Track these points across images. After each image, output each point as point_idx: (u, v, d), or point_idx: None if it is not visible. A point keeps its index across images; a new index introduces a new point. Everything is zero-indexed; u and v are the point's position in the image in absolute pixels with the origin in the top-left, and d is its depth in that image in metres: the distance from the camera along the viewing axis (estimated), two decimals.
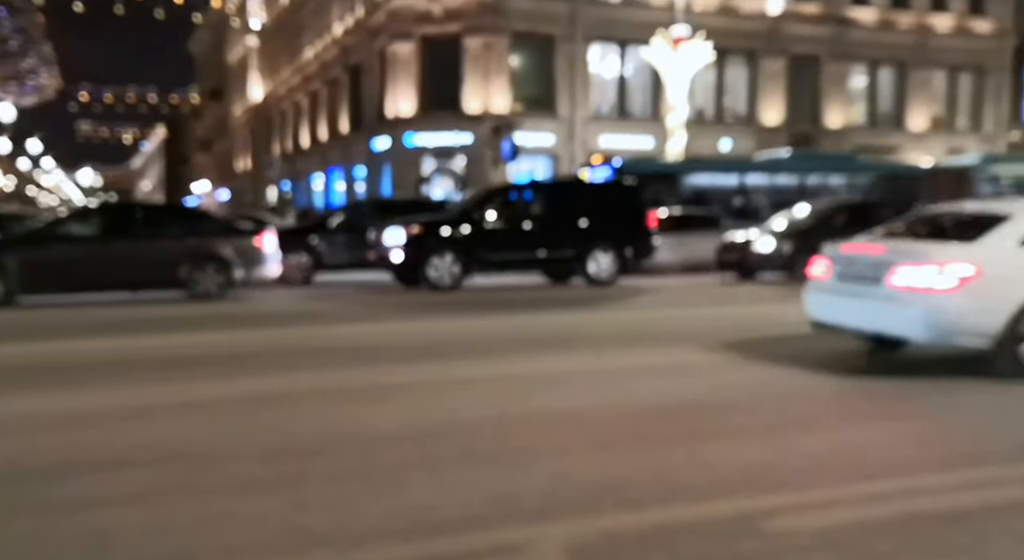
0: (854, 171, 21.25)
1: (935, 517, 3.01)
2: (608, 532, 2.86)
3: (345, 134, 33.81)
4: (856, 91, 30.55)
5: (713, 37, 23.76)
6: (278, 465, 3.64)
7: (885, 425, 4.36)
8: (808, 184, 20.17)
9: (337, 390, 5.26)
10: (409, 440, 4.03)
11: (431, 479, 3.42)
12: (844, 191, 20.10)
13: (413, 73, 27.45)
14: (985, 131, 31.62)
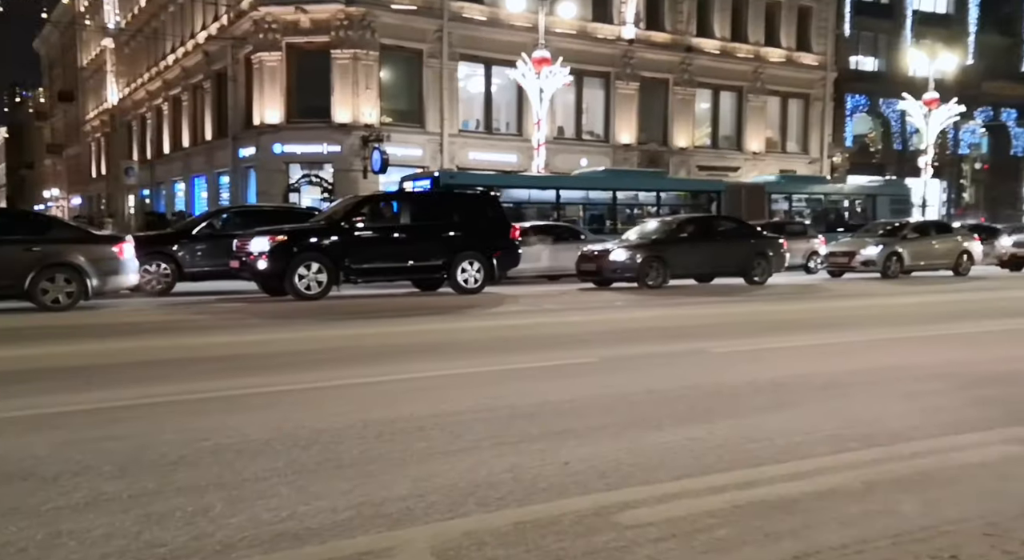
0: (662, 187, 22.72)
1: (768, 504, 3.29)
2: (472, 532, 2.96)
3: (209, 141, 32.87)
4: (701, 114, 33.16)
5: (572, 60, 25.28)
6: (131, 479, 3.50)
7: (726, 422, 4.69)
8: (619, 199, 21.48)
9: (198, 400, 5.11)
10: (274, 449, 3.99)
11: (296, 487, 3.42)
12: (652, 206, 21.73)
13: (280, 82, 27.24)
14: (812, 153, 35.17)
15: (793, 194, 24.79)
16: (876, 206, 25.47)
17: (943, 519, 3.15)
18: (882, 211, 25.09)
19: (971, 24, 38.26)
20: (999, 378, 6.03)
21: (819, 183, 27.07)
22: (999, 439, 4.33)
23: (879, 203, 25.61)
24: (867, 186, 27.26)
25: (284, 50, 27.12)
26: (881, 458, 3.98)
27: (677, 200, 22.74)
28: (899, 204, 26.08)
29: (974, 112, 36.02)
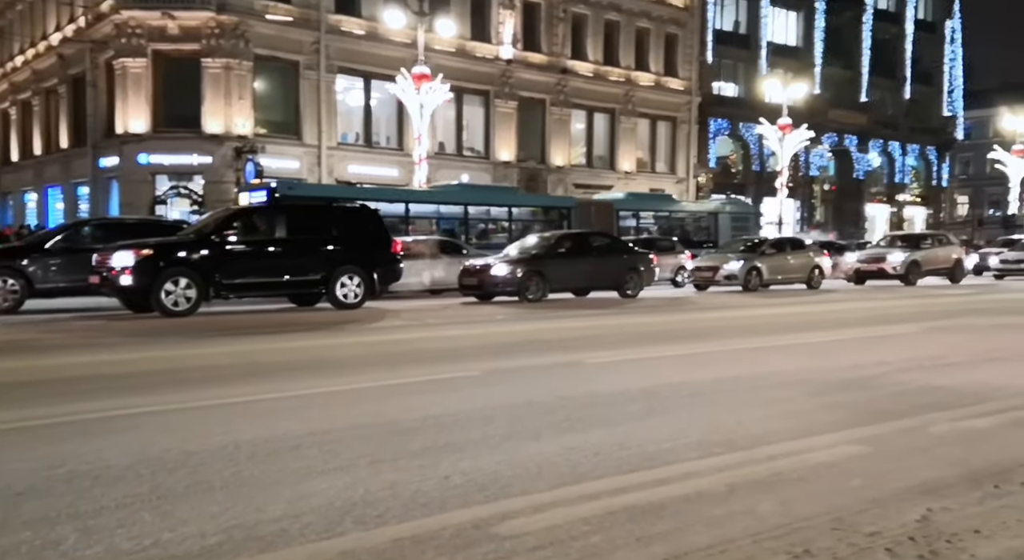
0: (514, 203, 23.10)
1: (640, 509, 3.42)
2: (349, 552, 2.92)
3: (65, 149, 30.67)
4: (577, 134, 34.21)
5: (452, 77, 25.48)
6: None
7: (598, 431, 4.84)
8: (471, 214, 21.72)
9: (51, 426, 4.76)
10: (137, 474, 3.80)
11: (161, 513, 3.27)
12: (505, 220, 22.13)
13: (146, 89, 25.86)
14: (679, 173, 36.99)
15: (640, 211, 25.68)
16: (719, 223, 26.81)
17: (796, 517, 3.39)
18: (725, 228, 26.45)
19: (817, 57, 41.56)
20: (845, 384, 6.55)
21: (665, 201, 28.11)
22: (845, 440, 4.70)
23: (722, 221, 26.93)
24: (710, 204, 28.83)
25: (150, 57, 25.78)
26: (742, 461, 4.23)
27: (529, 216, 23.12)
28: (741, 221, 27.50)
29: (822, 138, 39.10)
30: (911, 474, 4.01)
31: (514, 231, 21.85)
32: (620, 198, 26.46)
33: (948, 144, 48.83)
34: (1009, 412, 5.45)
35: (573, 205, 23.93)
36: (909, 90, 46.14)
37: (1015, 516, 3.40)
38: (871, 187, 44.79)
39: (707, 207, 28.47)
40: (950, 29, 48.20)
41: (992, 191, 57.39)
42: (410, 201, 20.67)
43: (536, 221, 22.99)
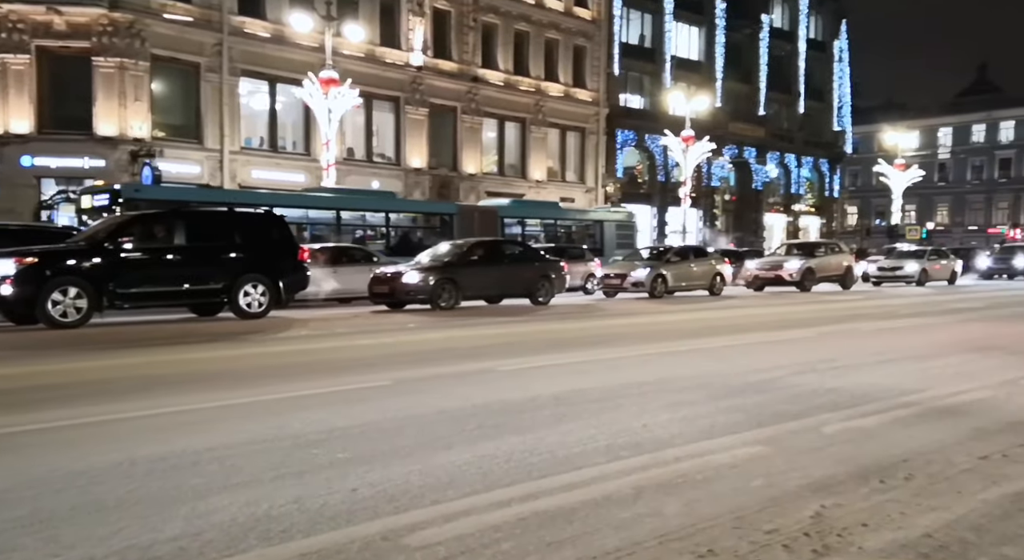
0: (391, 208, 22.46)
1: (550, 515, 3.47)
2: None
3: None
4: (488, 142, 34.38)
5: (361, 82, 25.18)
6: None
7: (510, 438, 4.87)
8: (344, 219, 21.05)
9: None
10: (19, 497, 3.58)
11: (44, 538, 3.09)
12: (381, 226, 21.61)
13: (30, 88, 24.35)
14: (588, 183, 37.70)
15: (526, 219, 25.47)
16: (604, 232, 27.04)
17: (701, 517, 3.50)
18: (609, 236, 26.70)
19: (718, 71, 43.27)
20: (745, 387, 6.81)
21: (551, 209, 27.67)
22: (745, 442, 4.88)
23: (607, 229, 27.15)
24: (595, 213, 29.01)
25: (34, 53, 24.33)
26: (649, 464, 4.34)
27: (409, 222, 22.62)
28: (625, 229, 27.86)
29: (723, 149, 40.69)
30: (806, 472, 4.20)
31: (392, 237, 21.29)
32: (504, 205, 25.97)
33: (838, 157, 51.72)
34: (892, 411, 5.80)
35: (455, 211, 23.48)
36: (803, 105, 48.62)
37: (898, 509, 3.61)
38: (769, 197, 46.93)
39: (592, 216, 28.56)
40: (838, 49, 51.10)
41: (878, 202, 61.21)
42: (276, 205, 18.75)
43: (416, 228, 22.50)
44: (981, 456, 4.54)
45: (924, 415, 5.68)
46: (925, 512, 3.57)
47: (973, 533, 3.31)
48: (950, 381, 7.07)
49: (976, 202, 68.02)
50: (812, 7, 48.58)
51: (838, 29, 50.94)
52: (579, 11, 36.52)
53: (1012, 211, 65.24)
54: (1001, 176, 66.92)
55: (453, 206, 24.61)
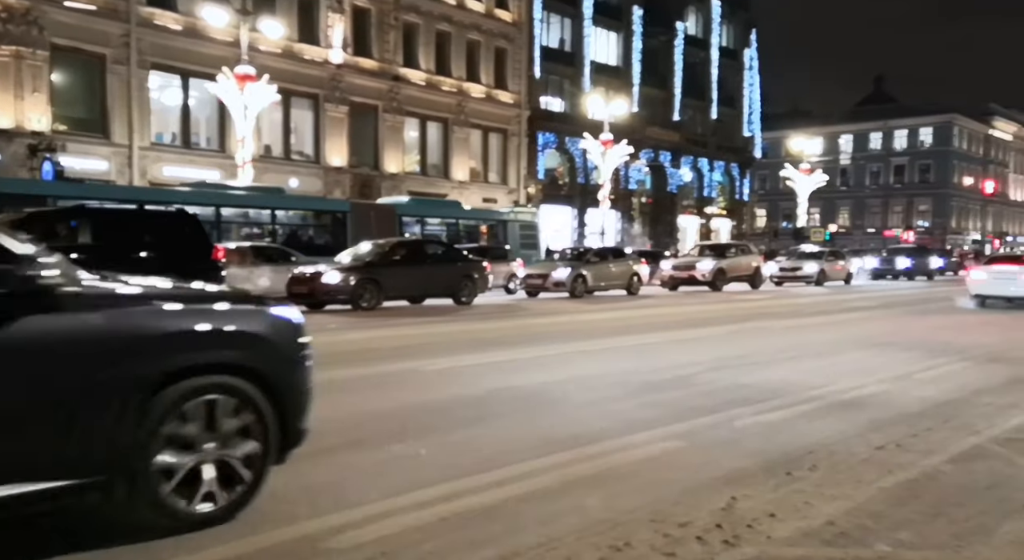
0: (278, 205, 21.25)
1: (475, 513, 3.50)
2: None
3: None
4: (410, 141, 34.13)
5: (278, 78, 24.58)
6: None
7: (437, 437, 4.90)
8: (224, 216, 19.87)
9: None
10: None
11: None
12: (268, 223, 20.44)
13: None
14: (511, 184, 37.93)
15: (426, 217, 24.81)
16: (507, 231, 26.70)
17: (620, 510, 3.62)
18: (513, 236, 26.37)
19: (635, 77, 44.26)
20: (663, 384, 7.04)
21: (453, 208, 26.97)
22: (663, 436, 5.06)
23: (510, 229, 26.83)
24: (499, 213, 28.63)
25: None
26: (572, 460, 4.44)
27: (300, 220, 21.58)
28: (529, 229, 27.63)
29: (640, 153, 41.63)
30: (719, 465, 4.39)
31: (279, 236, 20.16)
32: (404, 203, 25.22)
33: (748, 162, 53.71)
34: (799, 405, 6.11)
35: (348, 209, 22.22)
36: (716, 111, 50.23)
37: (803, 499, 3.82)
38: (683, 200, 48.30)
39: (496, 216, 28.22)
40: (748, 57, 53.04)
41: (785, 205, 63.78)
42: (146, 201, 17.20)
43: (308, 225, 21.55)
44: (878, 446, 4.85)
45: (827, 409, 6.01)
46: (828, 501, 3.79)
47: (872, 520, 3.54)
48: (851, 376, 7.49)
49: (874, 206, 71.87)
50: (724, 16, 50.26)
51: (748, 38, 52.88)
52: (500, 13, 36.71)
53: (905, 215, 69.20)
54: (896, 182, 70.94)
55: (346, 203, 23.37)
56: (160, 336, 3.15)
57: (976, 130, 71.11)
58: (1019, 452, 4.77)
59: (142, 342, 3.08)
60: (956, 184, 67.42)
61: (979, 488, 4.05)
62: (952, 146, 68.49)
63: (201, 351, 3.29)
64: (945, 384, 7.13)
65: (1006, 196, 75.27)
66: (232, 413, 3.35)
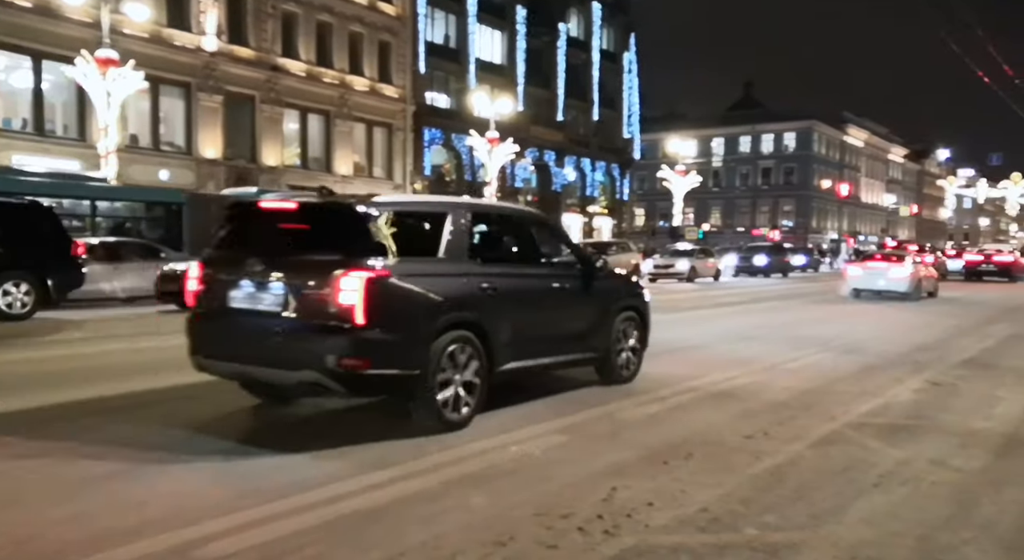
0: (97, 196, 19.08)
1: (359, 515, 3.44)
2: None
3: None
4: (290, 134, 33.03)
5: (146, 65, 23.16)
6: None
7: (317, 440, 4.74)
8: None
9: None
10: None
11: None
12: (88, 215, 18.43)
13: None
14: (396, 179, 37.46)
15: None
16: None
17: (505, 506, 3.63)
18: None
19: (520, 76, 44.73)
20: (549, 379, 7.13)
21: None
22: (548, 430, 5.13)
23: None
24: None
25: None
26: (457, 458, 4.43)
27: (126, 212, 19.45)
28: None
29: (525, 152, 42.12)
30: (601, 457, 4.49)
31: (101, 230, 17.97)
32: (251, 194, 23.64)
33: (628, 163, 55.43)
34: (677, 397, 6.36)
35: (184, 200, 20.20)
36: (597, 113, 51.50)
37: (679, 487, 3.97)
38: (567, 199, 49.27)
39: None
40: (627, 61, 54.73)
41: (662, 205, 66.32)
42: None
43: (138, 218, 19.55)
44: (747, 435, 5.11)
45: (702, 400, 6.28)
46: (702, 488, 3.95)
47: (741, 505, 3.72)
48: (724, 368, 7.86)
49: (743, 206, 75.96)
50: (604, 20, 51.60)
51: (628, 42, 54.54)
52: (383, 6, 36.11)
53: (772, 215, 73.56)
54: (763, 183, 75.28)
55: (181, 194, 21.10)
56: (615, 289, 7.06)
57: (833, 136, 76.47)
58: (870, 436, 5.16)
59: (611, 292, 6.89)
60: (816, 186, 72.28)
61: (835, 471, 4.34)
62: (813, 151, 73.35)
63: (628, 299, 7.06)
64: (807, 374, 7.61)
65: (859, 198, 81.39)
66: (633, 326, 7.05)
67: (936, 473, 4.34)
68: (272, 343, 4.76)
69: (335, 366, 4.53)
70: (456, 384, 5.03)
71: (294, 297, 4.72)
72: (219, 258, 5.21)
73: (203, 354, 5.14)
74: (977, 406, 6.24)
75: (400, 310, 4.79)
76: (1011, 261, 31.69)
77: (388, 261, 4.69)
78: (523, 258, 6.53)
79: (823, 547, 3.23)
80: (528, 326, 5.71)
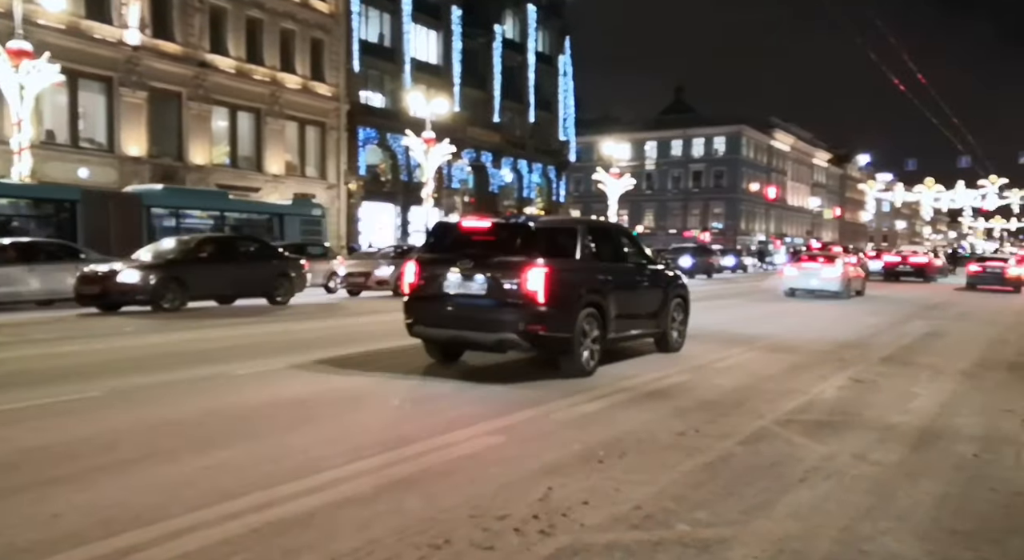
0: None
1: (288, 522, 3.36)
2: None
3: None
4: (219, 132, 32.14)
5: (63, 57, 22.18)
6: None
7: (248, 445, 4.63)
8: None
9: None
10: None
11: None
12: None
13: None
14: (330, 179, 36.87)
15: (184, 209, 21.84)
16: (284, 225, 24.23)
17: (440, 509, 3.60)
18: (292, 230, 24.33)
19: (456, 77, 44.61)
20: (484, 379, 7.12)
21: (217, 198, 24.18)
22: (484, 432, 5.12)
23: (288, 222, 24.37)
24: (275, 205, 26.46)
25: None
26: (392, 461, 4.37)
27: (10, 209, 18.14)
28: (312, 225, 25.64)
29: (462, 153, 42.02)
30: (537, 457, 4.51)
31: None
32: (155, 191, 21.74)
33: (564, 165, 55.91)
34: (612, 396, 6.43)
35: (78, 197, 18.99)
36: (533, 115, 51.78)
37: (614, 485, 4.01)
38: (504, 200, 49.40)
39: (271, 208, 25.42)
40: (563, 63, 55.22)
41: (598, 207, 67.07)
42: None
43: (20, 216, 18.20)
44: (679, 432, 5.20)
45: (636, 399, 6.37)
46: (636, 486, 4.00)
47: (674, 502, 3.78)
48: (657, 367, 8.00)
49: (675, 209, 77.54)
50: (540, 22, 51.92)
51: (563, 45, 55.01)
52: (316, 4, 35.47)
53: (703, 217, 75.30)
54: (695, 186, 77.00)
55: (76, 191, 19.74)
56: (670, 281, 9.35)
57: (761, 140, 78.77)
58: (796, 432, 5.32)
59: (668, 284, 9.24)
60: (745, 189, 74.33)
61: (764, 466, 4.46)
62: (741, 155, 75.40)
63: (678, 289, 9.41)
64: (737, 372, 7.80)
65: (785, 201, 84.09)
66: (681, 310, 9.43)
67: (857, 467, 4.50)
68: (478, 315, 7.10)
69: (524, 330, 6.89)
70: (588, 346, 7.37)
71: (494, 285, 7.03)
72: (429, 260, 7.52)
73: (422, 324, 7.46)
74: (895, 402, 6.51)
75: (562, 294, 7.03)
76: (926, 262, 33.37)
77: (553, 261, 7.08)
78: (618, 259, 8.70)
79: (752, 541, 3.31)
80: (624, 307, 8.09)
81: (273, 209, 25.58)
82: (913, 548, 3.29)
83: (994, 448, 5.03)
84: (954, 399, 6.69)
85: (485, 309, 7.05)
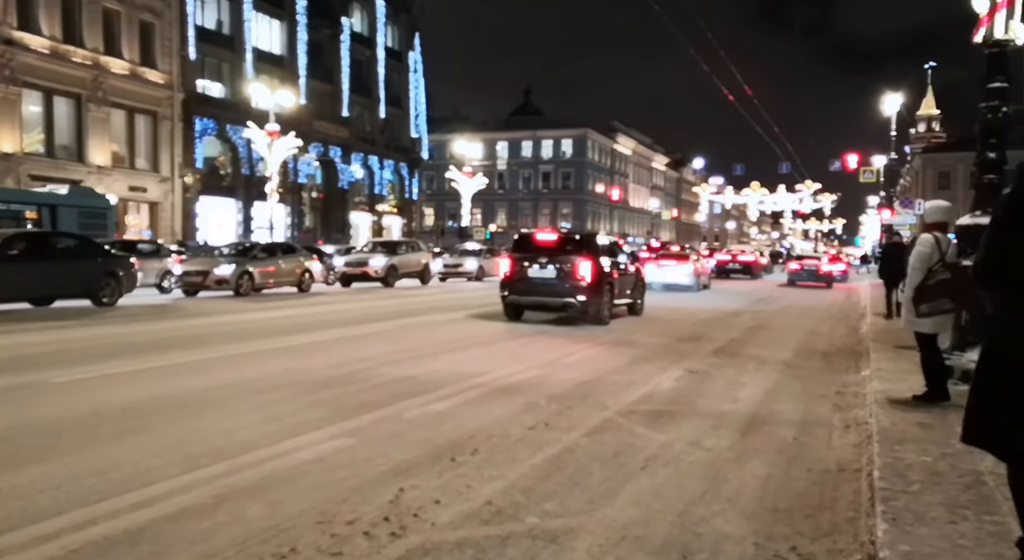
0: None
1: (113, 540, 3.13)
2: None
3: None
4: (31, 118, 29.24)
5: None
6: None
7: (66, 459, 4.28)
8: None
9: None
10: None
11: None
12: None
13: None
14: (163, 172, 34.52)
15: None
16: (58, 217, 21.26)
17: (284, 517, 3.46)
18: (69, 222, 21.08)
19: (302, 68, 43.10)
20: (331, 381, 6.93)
21: None
22: (331, 435, 4.97)
23: (63, 214, 21.42)
24: (45, 194, 22.98)
25: None
26: (230, 470, 4.14)
27: None
28: (94, 218, 22.42)
29: (309, 147, 40.65)
30: (388, 458, 4.43)
31: None
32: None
33: (416, 162, 55.51)
34: (463, 393, 6.45)
35: None
36: (384, 110, 51.02)
37: (465, 482, 4.02)
38: (355, 197, 48.29)
39: (41, 198, 22.10)
40: (413, 60, 54.80)
41: (451, 205, 67.33)
42: None
43: None
44: (530, 427, 5.30)
45: (488, 395, 6.43)
46: (487, 482, 4.03)
47: (523, 495, 3.85)
48: (508, 363, 8.12)
49: (526, 208, 79.19)
50: (389, 17, 51.22)
51: (412, 41, 54.57)
52: None
53: (552, 217, 77.46)
54: (544, 187, 79.04)
55: None
56: (638, 271, 15.31)
57: (605, 144, 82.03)
58: (637, 422, 5.57)
59: (637, 272, 15.12)
60: (591, 191, 77.13)
61: (607, 456, 4.63)
62: (587, 157, 78.18)
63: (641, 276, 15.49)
64: (584, 367, 8.07)
65: (627, 202, 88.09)
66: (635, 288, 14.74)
67: (693, 453, 4.78)
68: (552, 290, 12.17)
69: (580, 299, 11.98)
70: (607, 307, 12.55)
71: (561, 272, 12.08)
72: (518, 257, 12.58)
73: (515, 295, 12.53)
74: (726, 391, 6.98)
75: (598, 277, 12.05)
76: (753, 260, 36.23)
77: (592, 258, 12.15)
78: (615, 254, 13.64)
79: (598, 530, 3.42)
80: (620, 284, 13.30)
81: (42, 199, 21.95)
82: (741, 527, 3.53)
83: (810, 431, 5.51)
84: (777, 387, 7.28)
85: (555, 286, 12.08)
